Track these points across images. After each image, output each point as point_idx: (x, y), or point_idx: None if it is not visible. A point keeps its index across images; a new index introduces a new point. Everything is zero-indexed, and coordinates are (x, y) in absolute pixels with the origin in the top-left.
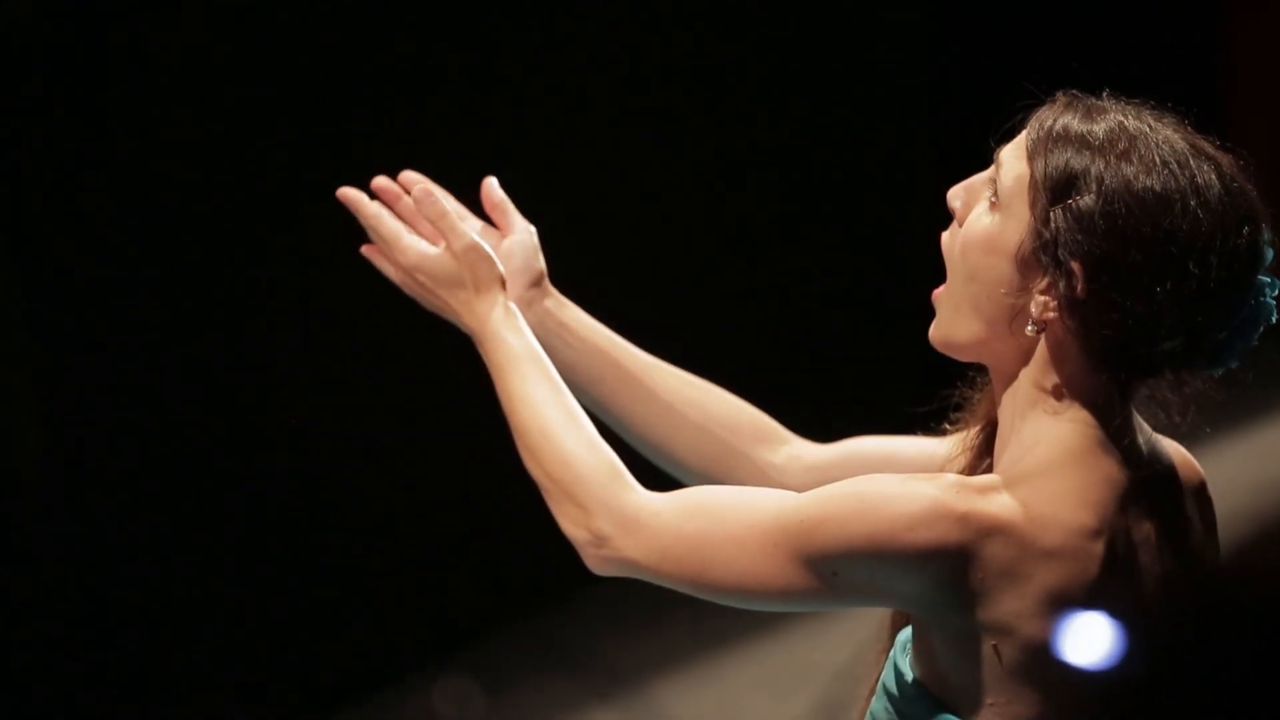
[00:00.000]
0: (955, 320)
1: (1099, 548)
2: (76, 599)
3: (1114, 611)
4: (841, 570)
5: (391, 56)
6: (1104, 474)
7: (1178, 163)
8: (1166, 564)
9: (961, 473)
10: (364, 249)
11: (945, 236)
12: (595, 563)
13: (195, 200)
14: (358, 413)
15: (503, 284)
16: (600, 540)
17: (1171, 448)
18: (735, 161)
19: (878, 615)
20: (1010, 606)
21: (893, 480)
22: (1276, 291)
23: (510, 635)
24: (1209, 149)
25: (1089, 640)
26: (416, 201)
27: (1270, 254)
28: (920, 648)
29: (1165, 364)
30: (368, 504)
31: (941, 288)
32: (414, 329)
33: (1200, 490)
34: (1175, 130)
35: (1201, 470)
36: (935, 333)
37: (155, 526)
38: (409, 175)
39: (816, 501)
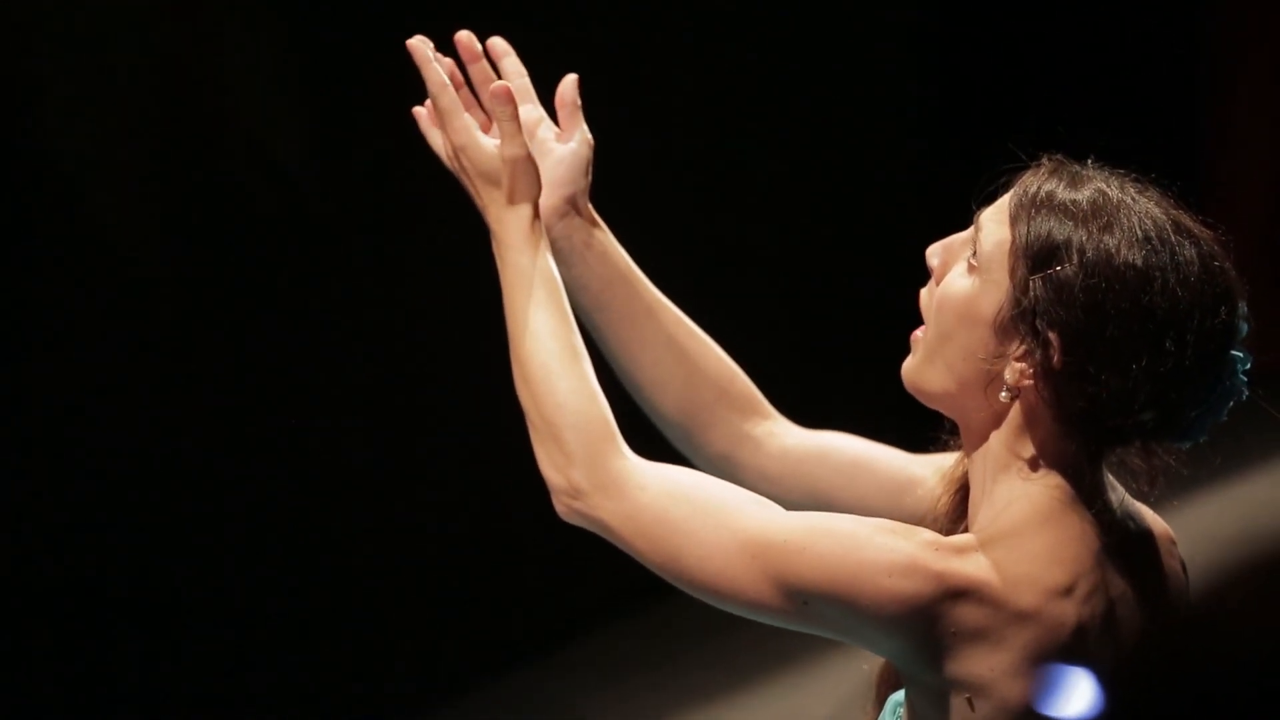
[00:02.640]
0: (928, 370)
1: (1074, 606)
2: (67, 609)
3: (1091, 668)
4: (812, 602)
5: (385, 55)
6: (1077, 532)
7: (1159, 238)
8: (1143, 620)
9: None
10: (415, 110)
11: (923, 293)
12: (564, 511)
13: (196, 199)
14: (350, 465)
15: (537, 200)
16: (575, 493)
17: (1142, 508)
18: (733, 163)
19: (863, 672)
20: (985, 665)
21: (878, 526)
22: (1248, 366)
23: (497, 687)
24: (1190, 224)
25: (1067, 697)
26: (493, 96)
27: (1245, 330)
28: (909, 711)
29: (1136, 435)
30: (355, 553)
31: (921, 330)
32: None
33: (1171, 548)
34: (1157, 204)
35: (1170, 530)
36: (908, 375)
37: (149, 544)
38: (497, 43)
39: (803, 528)
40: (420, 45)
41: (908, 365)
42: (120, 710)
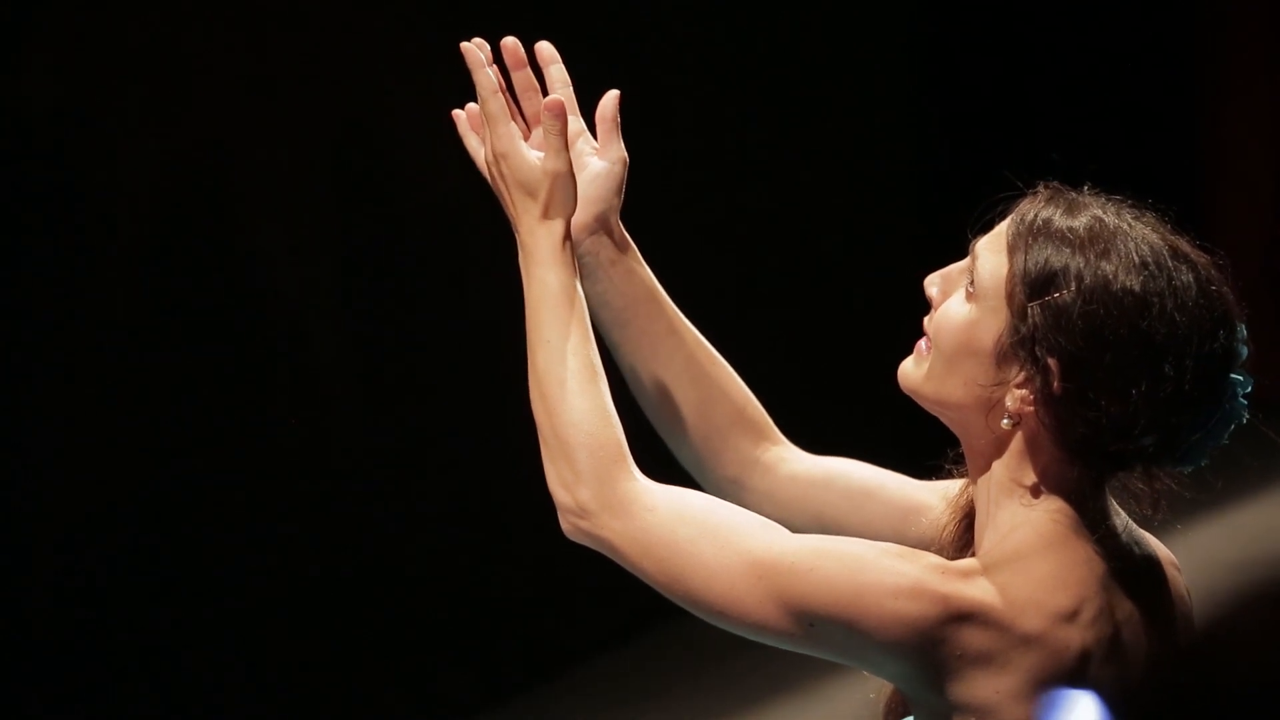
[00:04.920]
0: (929, 385)
1: (1078, 630)
2: (57, 613)
3: (1096, 692)
4: (818, 624)
5: (383, 53)
6: (1082, 557)
7: (1156, 264)
8: (1149, 643)
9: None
10: (455, 114)
11: (926, 323)
12: (570, 530)
13: (197, 200)
14: (350, 489)
15: (570, 217)
16: (582, 512)
17: (1146, 534)
18: (737, 186)
19: (869, 700)
20: (990, 689)
21: (884, 549)
22: (1248, 389)
23: (499, 713)
24: (1187, 249)
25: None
26: (547, 109)
27: (1245, 353)
28: None
29: (1137, 460)
30: (355, 580)
31: (926, 342)
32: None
33: (1175, 574)
34: (1154, 229)
35: (1174, 556)
36: (908, 380)
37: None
38: (544, 48)
39: (809, 550)
40: (474, 50)
41: (910, 371)
42: None
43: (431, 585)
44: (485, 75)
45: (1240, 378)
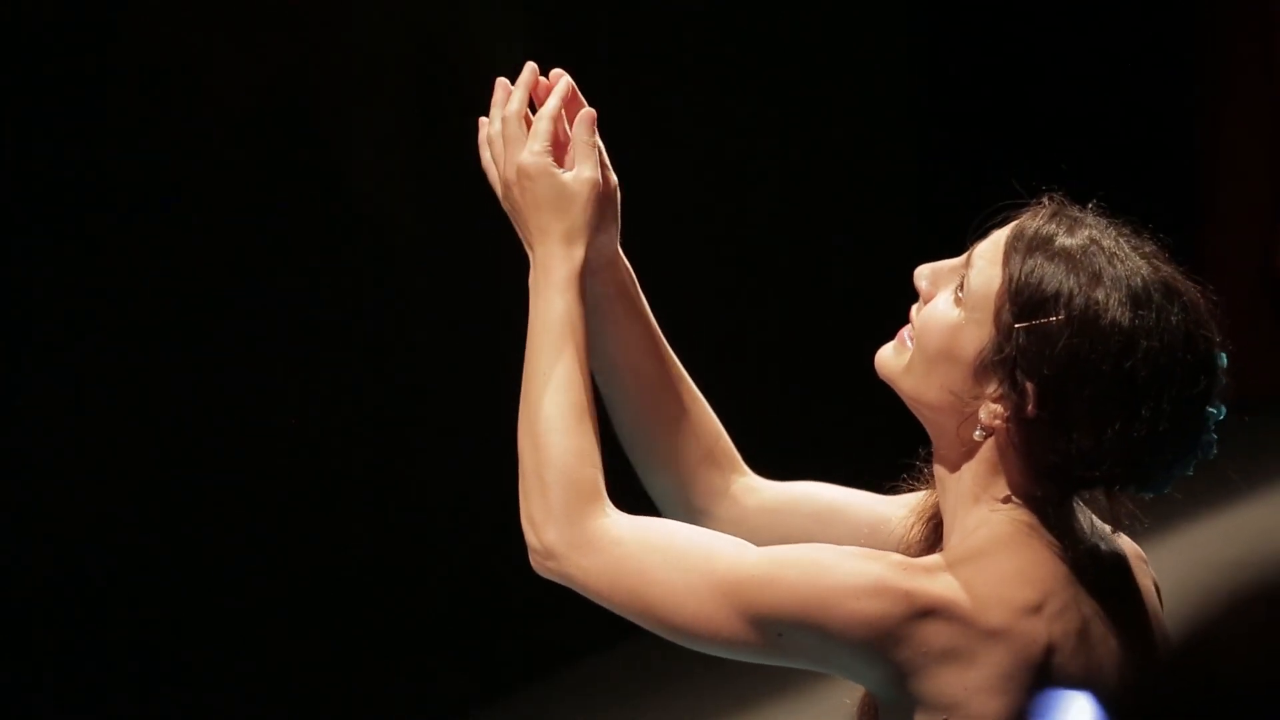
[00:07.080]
0: (908, 379)
1: (1044, 623)
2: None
3: (1065, 685)
4: (786, 632)
5: (392, 59)
6: (1048, 553)
7: (1147, 301)
8: (1119, 637)
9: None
10: (482, 121)
11: (913, 311)
12: (538, 568)
13: (198, 203)
14: (345, 491)
15: (591, 241)
16: (549, 554)
17: (1110, 529)
18: (735, 174)
19: (841, 707)
20: (958, 685)
21: (845, 551)
22: (1221, 419)
23: (491, 715)
24: (1179, 285)
25: (1043, 716)
26: (579, 121)
27: (1223, 383)
28: None
29: (1103, 485)
30: (349, 583)
31: (909, 331)
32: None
33: (1142, 566)
34: (1149, 262)
35: (1140, 549)
36: (888, 368)
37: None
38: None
39: (770, 560)
40: (533, 70)
41: (889, 359)
42: None
43: (431, 585)
44: (555, 99)
45: (1214, 410)
